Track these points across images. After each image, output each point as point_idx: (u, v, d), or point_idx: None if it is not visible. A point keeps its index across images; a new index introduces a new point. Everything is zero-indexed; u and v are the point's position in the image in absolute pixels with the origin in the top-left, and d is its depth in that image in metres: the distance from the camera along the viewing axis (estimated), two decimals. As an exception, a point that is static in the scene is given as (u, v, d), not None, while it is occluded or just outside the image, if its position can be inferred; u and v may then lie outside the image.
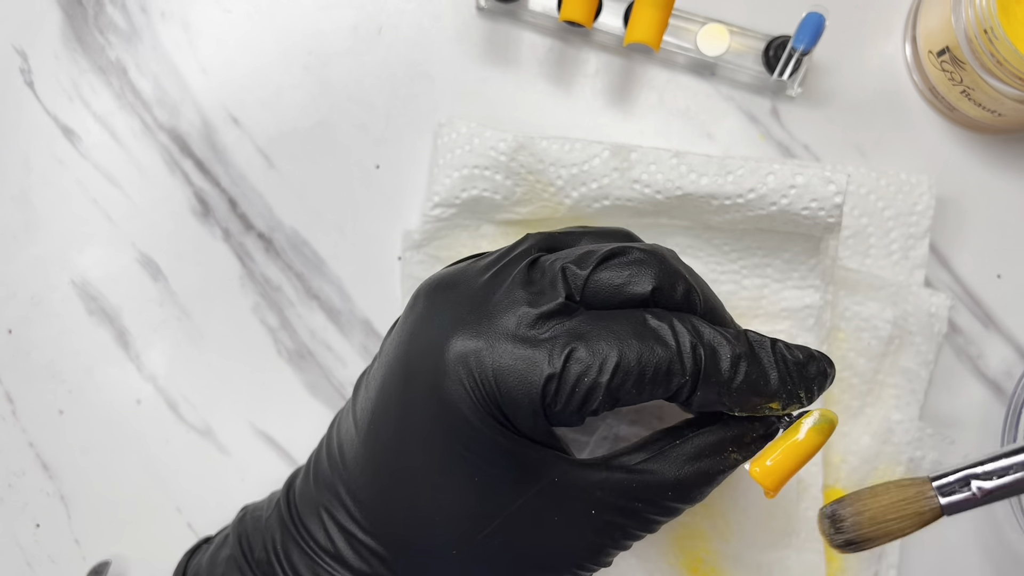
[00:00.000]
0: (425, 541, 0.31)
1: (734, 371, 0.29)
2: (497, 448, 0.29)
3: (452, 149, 0.39)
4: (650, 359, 0.28)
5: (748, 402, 0.30)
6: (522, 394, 0.28)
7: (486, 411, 0.28)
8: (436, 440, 0.29)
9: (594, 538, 0.30)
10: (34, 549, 0.42)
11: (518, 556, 0.30)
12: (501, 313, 0.29)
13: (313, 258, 0.42)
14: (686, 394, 0.29)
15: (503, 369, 0.28)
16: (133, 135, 0.43)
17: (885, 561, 0.41)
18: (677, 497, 0.30)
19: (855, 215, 0.41)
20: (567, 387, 0.28)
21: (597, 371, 0.28)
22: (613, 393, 0.28)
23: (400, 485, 0.30)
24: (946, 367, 0.42)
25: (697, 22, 0.41)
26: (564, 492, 0.30)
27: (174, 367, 0.42)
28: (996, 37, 0.36)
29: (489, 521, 0.30)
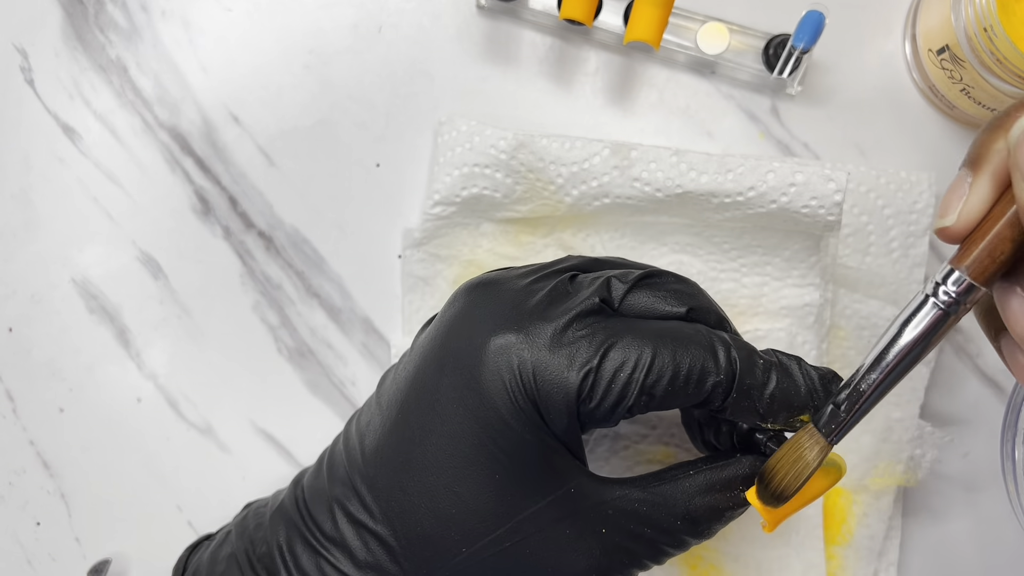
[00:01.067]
0: (436, 535, 0.30)
1: (767, 377, 0.30)
2: (524, 446, 0.29)
3: (452, 147, 0.39)
4: (685, 357, 0.29)
5: (780, 411, 0.30)
6: (558, 390, 0.29)
7: (521, 406, 0.29)
8: (466, 431, 0.30)
9: (601, 558, 0.30)
10: (34, 547, 0.42)
11: (524, 564, 0.30)
12: (541, 312, 0.30)
13: (313, 256, 0.43)
14: (720, 397, 0.29)
15: (542, 364, 0.29)
16: (134, 133, 0.43)
17: (885, 560, 0.41)
18: (686, 528, 0.30)
19: (855, 213, 0.41)
20: (603, 382, 0.29)
21: (632, 366, 0.29)
22: (649, 390, 0.29)
23: (421, 474, 0.30)
24: (946, 365, 0.42)
25: (697, 20, 0.41)
26: (579, 504, 0.30)
27: (174, 365, 0.42)
28: (996, 35, 0.36)
29: (502, 522, 0.30)
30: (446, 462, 0.30)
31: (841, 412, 0.29)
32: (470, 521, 0.30)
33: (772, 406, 0.30)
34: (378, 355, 0.42)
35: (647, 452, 0.40)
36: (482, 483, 0.30)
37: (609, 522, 0.30)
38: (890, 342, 0.28)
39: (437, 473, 0.30)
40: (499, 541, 0.30)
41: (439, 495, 0.30)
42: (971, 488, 0.42)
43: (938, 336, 0.27)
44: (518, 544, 0.30)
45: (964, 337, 0.42)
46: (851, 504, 0.40)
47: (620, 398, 0.29)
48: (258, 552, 0.33)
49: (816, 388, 0.30)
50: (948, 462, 0.42)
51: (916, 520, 0.42)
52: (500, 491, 0.30)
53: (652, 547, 0.31)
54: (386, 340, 0.42)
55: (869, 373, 0.28)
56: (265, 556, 0.33)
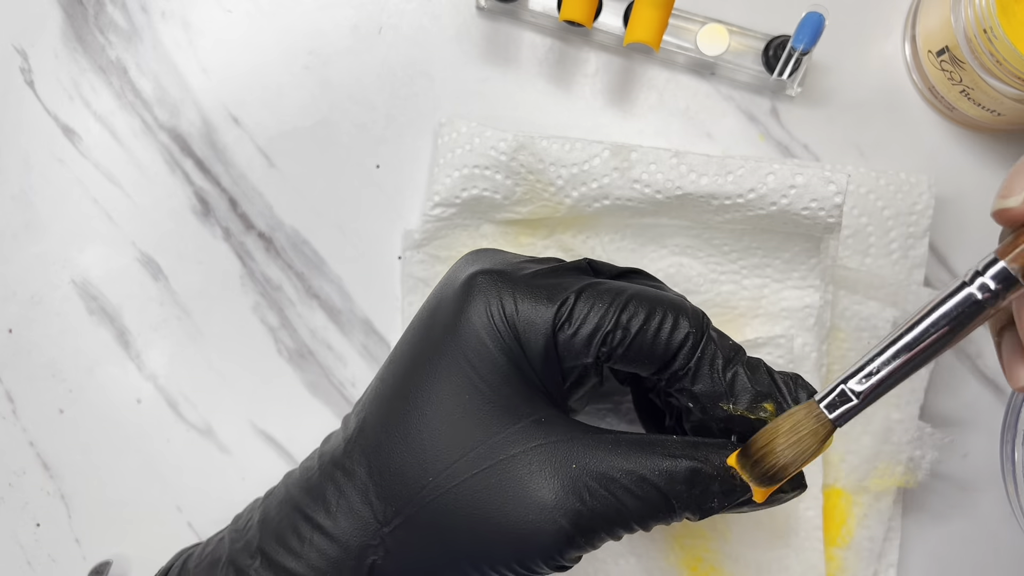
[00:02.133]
0: (406, 465, 0.30)
1: (734, 354, 0.30)
2: (497, 368, 0.30)
3: (452, 148, 0.39)
4: (660, 304, 0.30)
5: (743, 391, 0.30)
6: (536, 312, 0.30)
7: (499, 328, 0.30)
8: (443, 354, 0.30)
9: (570, 495, 0.29)
10: (34, 548, 0.42)
11: (490, 495, 0.29)
12: (531, 266, 0.32)
13: (313, 257, 0.43)
14: (688, 354, 0.29)
15: (524, 293, 0.30)
16: (133, 134, 0.43)
17: (885, 560, 0.41)
18: (666, 483, 0.29)
19: (855, 215, 0.41)
20: (581, 310, 0.30)
21: (609, 301, 0.30)
22: (624, 325, 0.29)
23: (399, 403, 0.31)
24: (946, 366, 0.42)
25: (697, 22, 0.41)
26: (549, 436, 0.29)
27: (174, 366, 0.42)
28: (995, 37, 0.36)
29: (468, 448, 0.30)
30: (424, 385, 0.30)
31: (852, 393, 0.27)
32: (437, 447, 0.30)
33: (735, 382, 0.30)
34: (378, 356, 0.42)
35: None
36: (452, 406, 0.30)
37: (580, 459, 0.29)
38: (918, 326, 0.26)
39: (413, 398, 0.31)
40: (464, 469, 0.29)
41: (411, 420, 0.30)
42: (971, 489, 0.42)
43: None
44: (484, 473, 0.29)
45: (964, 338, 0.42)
46: (851, 505, 0.40)
47: (596, 326, 0.29)
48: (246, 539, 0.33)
49: (779, 385, 0.30)
50: (948, 463, 0.42)
51: (916, 521, 0.42)
52: (469, 415, 0.30)
53: (630, 496, 0.29)
54: (386, 341, 0.42)
55: (891, 357, 0.27)
56: (245, 519, 0.33)
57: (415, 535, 0.30)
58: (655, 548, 0.40)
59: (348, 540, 0.30)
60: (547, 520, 0.29)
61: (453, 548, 0.30)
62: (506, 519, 0.29)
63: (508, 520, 0.29)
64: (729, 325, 0.40)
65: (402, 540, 0.30)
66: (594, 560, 0.40)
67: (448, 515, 0.30)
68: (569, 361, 0.30)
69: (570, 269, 0.32)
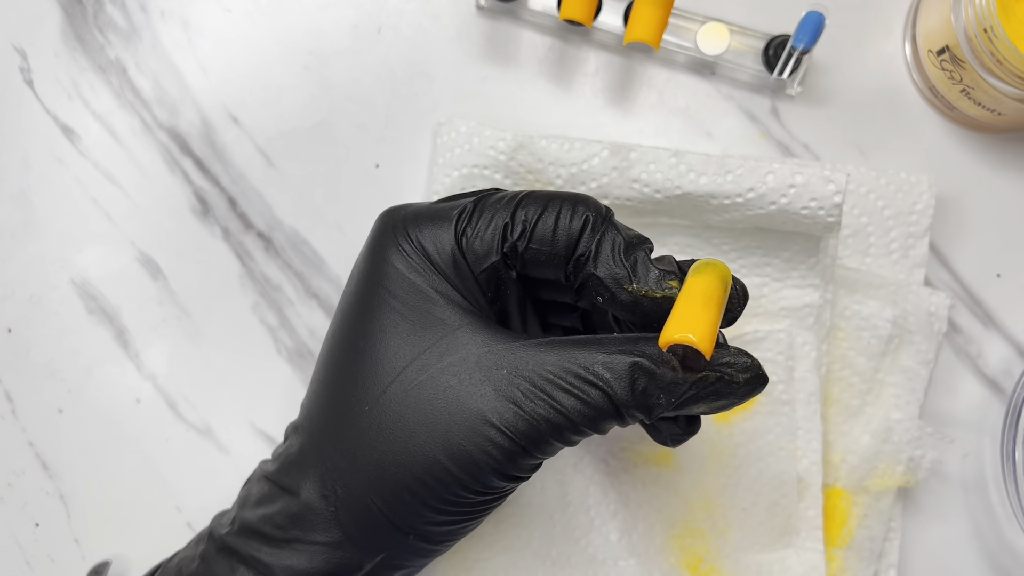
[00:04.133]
0: (341, 400, 0.30)
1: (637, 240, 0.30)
2: (416, 290, 0.30)
3: (451, 148, 0.39)
4: (559, 197, 0.30)
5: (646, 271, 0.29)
6: (439, 227, 0.30)
7: (407, 251, 0.30)
8: (361, 286, 0.31)
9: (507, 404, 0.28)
10: (34, 548, 0.42)
11: (426, 413, 0.29)
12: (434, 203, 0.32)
13: (313, 257, 0.42)
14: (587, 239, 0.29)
15: (426, 215, 0.31)
16: (133, 134, 0.43)
17: (885, 561, 0.41)
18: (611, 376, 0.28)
19: (855, 214, 0.41)
20: (479, 216, 0.30)
21: (507, 201, 0.31)
22: (522, 221, 0.30)
23: (328, 347, 0.32)
24: (946, 366, 0.42)
25: (697, 21, 0.41)
26: (474, 344, 0.29)
27: (174, 366, 0.42)
28: (996, 36, 0.36)
29: (397, 369, 0.29)
30: (350, 325, 0.31)
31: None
32: (368, 375, 0.30)
33: (637, 264, 0.29)
34: (377, 356, 0.42)
35: (644, 453, 0.40)
36: (375, 331, 0.30)
37: (510, 364, 0.28)
38: None
39: (340, 337, 0.31)
40: (398, 391, 0.29)
41: (341, 357, 0.31)
42: (971, 489, 0.42)
43: None
44: (416, 388, 0.29)
45: (964, 338, 0.42)
46: (851, 505, 0.40)
47: (494, 227, 0.30)
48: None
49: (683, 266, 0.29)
50: (948, 463, 0.42)
51: (916, 521, 0.42)
52: (393, 337, 0.30)
53: (570, 397, 0.28)
54: (385, 341, 0.42)
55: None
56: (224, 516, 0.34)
57: (362, 476, 0.29)
58: (655, 548, 0.40)
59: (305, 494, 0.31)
60: (483, 429, 0.28)
61: (404, 479, 0.29)
62: (446, 435, 0.28)
63: (449, 436, 0.28)
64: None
65: (351, 485, 0.30)
66: (593, 561, 0.40)
67: (388, 445, 0.29)
68: (478, 266, 0.30)
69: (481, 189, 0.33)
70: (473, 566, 0.39)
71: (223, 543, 0.32)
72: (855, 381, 0.40)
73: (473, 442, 0.28)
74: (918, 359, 0.41)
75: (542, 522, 0.40)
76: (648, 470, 0.40)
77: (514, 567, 0.40)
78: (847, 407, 0.41)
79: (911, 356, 0.41)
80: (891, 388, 0.41)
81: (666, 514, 0.39)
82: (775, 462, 0.39)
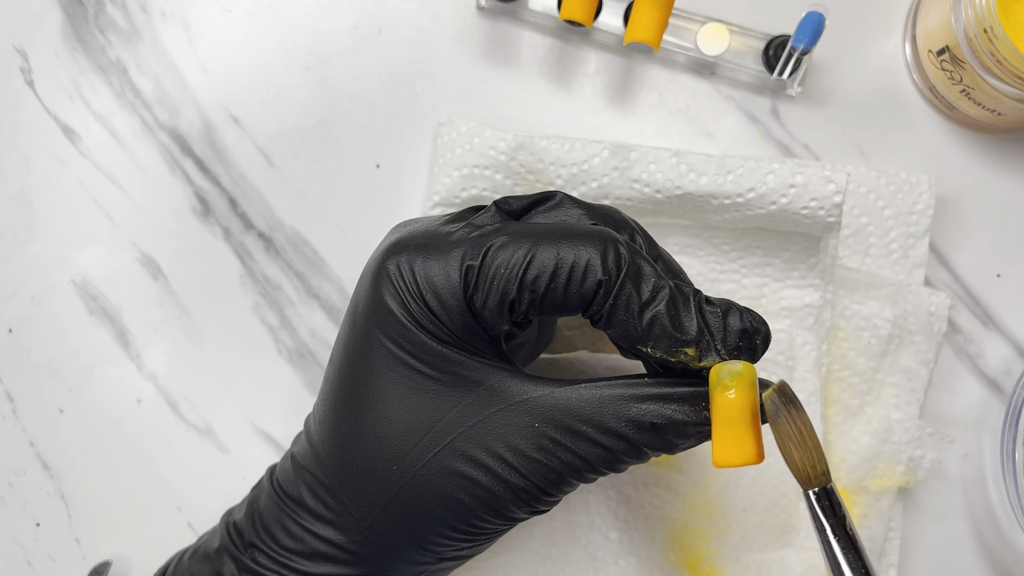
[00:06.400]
0: (368, 459, 0.30)
1: (654, 295, 0.28)
2: (430, 349, 0.29)
3: (452, 148, 0.39)
4: (569, 252, 0.28)
5: (661, 337, 0.28)
6: (445, 286, 0.29)
7: (415, 310, 0.29)
8: (373, 343, 0.30)
9: (537, 456, 0.28)
10: (34, 548, 0.42)
11: (457, 470, 0.29)
12: (438, 225, 0.30)
13: (313, 257, 0.43)
14: (602, 301, 0.28)
15: (429, 264, 0.29)
16: (133, 134, 0.43)
17: (885, 560, 0.41)
18: (637, 433, 0.28)
19: (855, 214, 0.41)
20: (486, 278, 0.28)
21: (513, 262, 0.28)
22: (531, 286, 0.28)
23: (347, 400, 0.31)
24: (946, 366, 0.42)
25: (697, 21, 0.41)
26: (502, 401, 0.29)
27: (174, 366, 0.42)
28: (996, 36, 0.36)
29: (425, 429, 0.29)
30: (364, 380, 0.30)
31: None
32: (394, 436, 0.29)
33: (652, 327, 0.28)
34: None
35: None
36: (398, 393, 0.29)
37: (541, 416, 0.28)
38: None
39: (358, 394, 0.30)
40: (426, 450, 0.29)
41: (362, 416, 0.30)
42: (971, 489, 0.42)
43: None
44: (447, 449, 0.29)
45: (964, 338, 0.42)
46: (851, 505, 0.40)
47: (503, 295, 0.28)
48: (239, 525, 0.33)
49: (707, 322, 0.28)
50: (948, 463, 0.42)
51: (916, 521, 0.42)
52: (417, 398, 0.29)
53: (597, 447, 0.28)
54: (386, 341, 0.42)
55: None
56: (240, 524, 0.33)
57: (394, 525, 0.30)
58: (655, 548, 0.40)
59: (336, 540, 0.31)
60: (517, 480, 0.29)
61: (433, 526, 0.30)
62: (479, 487, 0.29)
63: (481, 487, 0.29)
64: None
65: (382, 532, 0.30)
66: (593, 560, 0.40)
67: (420, 498, 0.29)
68: (491, 329, 0.29)
69: (483, 222, 0.30)
70: (473, 565, 0.39)
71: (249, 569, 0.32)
72: (855, 381, 0.41)
73: (504, 494, 0.29)
74: (918, 359, 0.41)
75: (542, 521, 0.40)
76: (648, 470, 0.40)
77: (514, 567, 0.40)
78: (847, 407, 0.41)
79: (911, 356, 0.41)
80: (891, 388, 0.41)
81: (666, 514, 0.39)
82: (775, 462, 0.39)
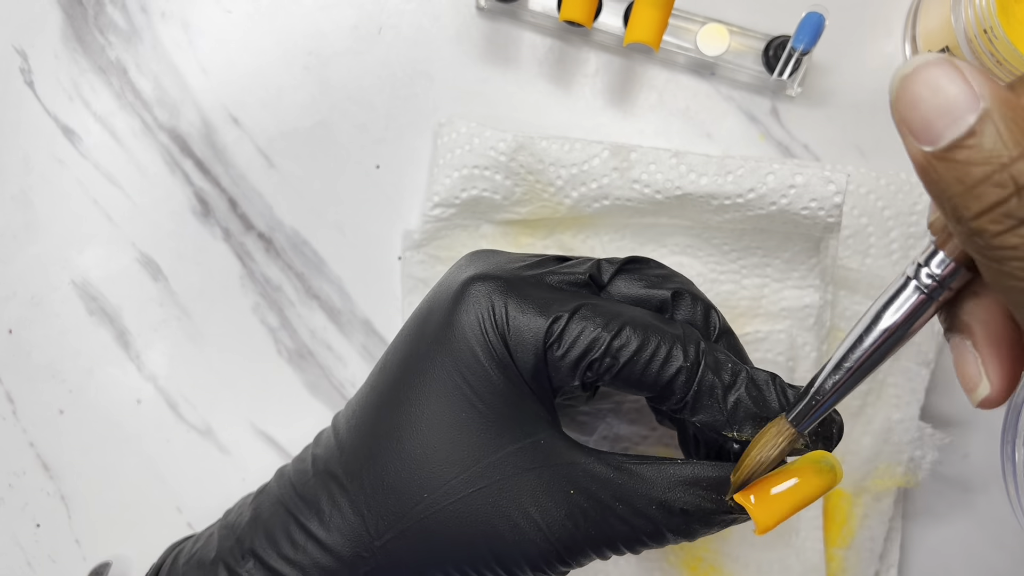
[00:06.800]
0: (400, 480, 0.30)
1: (734, 379, 0.29)
2: (493, 385, 0.29)
3: (452, 149, 0.39)
4: (654, 334, 0.29)
5: (746, 418, 0.29)
6: (528, 329, 0.29)
7: (492, 341, 0.29)
8: (437, 366, 0.30)
9: (565, 520, 0.29)
10: (34, 549, 0.42)
11: (484, 515, 0.29)
12: (528, 270, 0.31)
13: (313, 258, 0.43)
14: (683, 388, 0.29)
15: (517, 304, 0.29)
16: (133, 135, 0.43)
17: (885, 561, 0.41)
18: (663, 517, 0.29)
19: (855, 215, 0.41)
20: (571, 332, 0.29)
21: (603, 325, 0.29)
22: (614, 353, 0.28)
23: (392, 414, 0.30)
24: (946, 366, 0.42)
25: (697, 22, 0.41)
26: (547, 459, 0.29)
27: (174, 367, 0.42)
28: (996, 37, 0.36)
29: (466, 466, 0.29)
30: (415, 399, 0.30)
31: (812, 399, 0.27)
32: (433, 463, 0.29)
33: (736, 411, 0.29)
34: (378, 357, 0.42)
35: (646, 453, 0.40)
36: (448, 422, 0.29)
37: (578, 484, 0.29)
38: (868, 326, 0.26)
39: (406, 411, 0.30)
40: (461, 487, 0.29)
41: (405, 434, 0.30)
42: (971, 489, 0.42)
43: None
44: (480, 492, 0.29)
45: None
46: (851, 506, 0.40)
47: (585, 351, 0.29)
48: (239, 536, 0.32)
49: (787, 404, 0.29)
50: (948, 463, 0.42)
51: (916, 521, 0.42)
52: (465, 432, 0.29)
53: (624, 525, 0.29)
54: (386, 342, 0.42)
55: (844, 359, 0.26)
56: (235, 524, 0.33)
57: (406, 549, 0.30)
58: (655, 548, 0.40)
59: (341, 551, 0.30)
60: (540, 541, 0.29)
61: (443, 561, 0.30)
62: (500, 538, 0.29)
63: (502, 539, 0.29)
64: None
65: (393, 553, 0.30)
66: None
67: (441, 531, 0.29)
68: (556, 382, 0.30)
69: (572, 281, 0.31)
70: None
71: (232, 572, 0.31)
72: (855, 381, 0.41)
73: (523, 554, 0.29)
74: (919, 359, 0.41)
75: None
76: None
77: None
78: (847, 407, 0.41)
79: (911, 356, 0.41)
80: (891, 388, 0.41)
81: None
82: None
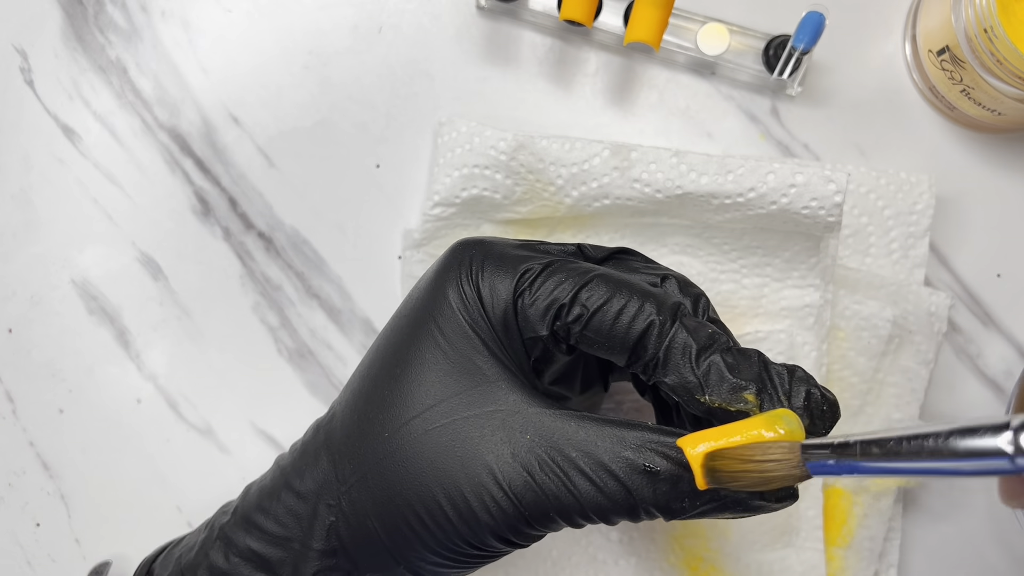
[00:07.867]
0: (366, 421, 0.30)
1: (711, 341, 0.28)
2: (462, 332, 0.30)
3: (452, 148, 0.39)
4: (627, 287, 0.29)
5: (719, 381, 0.27)
6: (500, 278, 0.30)
7: (464, 289, 0.30)
8: (417, 316, 0.31)
9: (521, 471, 0.27)
10: (34, 548, 0.42)
11: (439, 458, 0.28)
12: (516, 242, 0.32)
13: (313, 257, 0.42)
14: (655, 343, 0.28)
15: (496, 258, 0.30)
16: (133, 134, 0.43)
17: (885, 560, 0.41)
18: (626, 473, 0.26)
19: (855, 214, 0.41)
20: (541, 282, 0.29)
21: (574, 275, 0.29)
22: (583, 301, 0.29)
23: (377, 363, 0.31)
24: (946, 366, 0.42)
25: (697, 21, 0.41)
26: (507, 403, 0.29)
27: (174, 366, 0.42)
28: (996, 36, 0.36)
29: (425, 405, 0.29)
30: (395, 346, 0.31)
31: (831, 452, 0.23)
32: (396, 403, 0.30)
33: (710, 372, 0.27)
34: (378, 356, 0.42)
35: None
36: (415, 362, 0.30)
37: (536, 430, 0.28)
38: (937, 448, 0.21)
39: (382, 355, 0.31)
40: (419, 426, 0.29)
41: (377, 376, 0.31)
42: (971, 489, 0.42)
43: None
44: (437, 431, 0.29)
45: (964, 338, 0.42)
46: (851, 505, 0.40)
47: (553, 300, 0.29)
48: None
49: (771, 376, 0.27)
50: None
51: (916, 521, 0.42)
52: (430, 371, 0.30)
53: (586, 483, 0.27)
54: (386, 341, 0.42)
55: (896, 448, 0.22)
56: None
57: (367, 496, 0.30)
58: (655, 548, 0.40)
59: (312, 498, 0.31)
60: (491, 488, 0.28)
61: (400, 506, 0.29)
62: (454, 485, 0.28)
63: (455, 487, 0.28)
64: (729, 324, 0.40)
65: (356, 501, 0.30)
66: (594, 561, 0.40)
67: (397, 477, 0.29)
68: (526, 332, 0.29)
69: (557, 251, 0.32)
70: (474, 566, 0.39)
71: (222, 532, 0.32)
72: (855, 381, 0.41)
73: (477, 499, 0.28)
74: (918, 359, 0.41)
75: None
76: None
77: (514, 567, 0.40)
78: (847, 407, 0.41)
79: (911, 356, 0.41)
80: (891, 388, 0.41)
81: (666, 514, 0.40)
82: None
